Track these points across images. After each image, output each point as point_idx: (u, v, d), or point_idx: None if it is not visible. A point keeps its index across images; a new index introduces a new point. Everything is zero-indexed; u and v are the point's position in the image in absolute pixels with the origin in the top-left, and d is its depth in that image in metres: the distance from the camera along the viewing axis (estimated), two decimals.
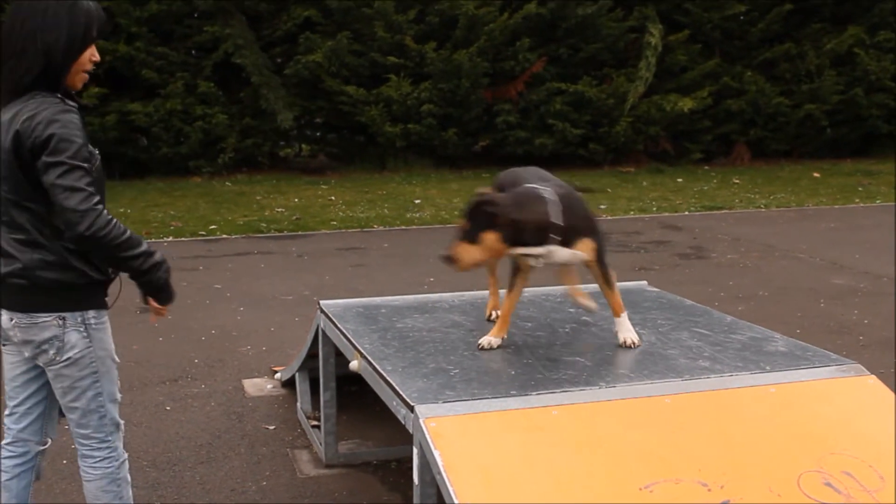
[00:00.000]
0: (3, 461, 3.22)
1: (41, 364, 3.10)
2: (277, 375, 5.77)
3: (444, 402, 3.18)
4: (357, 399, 5.08)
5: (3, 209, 2.97)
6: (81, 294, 3.05)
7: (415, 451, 3.10)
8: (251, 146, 15.81)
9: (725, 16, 17.50)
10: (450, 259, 3.56)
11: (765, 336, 4.08)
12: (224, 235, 11.02)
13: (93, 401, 3.13)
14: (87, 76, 3.06)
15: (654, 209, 13.06)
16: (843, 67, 18.09)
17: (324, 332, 4.54)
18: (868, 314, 7.40)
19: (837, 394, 3.49)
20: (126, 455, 3.28)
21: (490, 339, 3.87)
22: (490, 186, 3.98)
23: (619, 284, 5.21)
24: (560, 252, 3.62)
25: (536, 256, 3.63)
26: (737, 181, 15.79)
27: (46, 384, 3.19)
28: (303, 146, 18.22)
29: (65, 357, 3.05)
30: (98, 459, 3.19)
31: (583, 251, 3.67)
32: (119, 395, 3.23)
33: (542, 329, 4.14)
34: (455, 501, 2.76)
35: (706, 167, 17.44)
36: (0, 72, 2.95)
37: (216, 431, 5.02)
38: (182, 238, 10.77)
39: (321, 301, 4.68)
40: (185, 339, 6.67)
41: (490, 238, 3.51)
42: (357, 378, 3.97)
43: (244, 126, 15.69)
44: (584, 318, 4.36)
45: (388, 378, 3.47)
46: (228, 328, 6.99)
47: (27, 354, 3.10)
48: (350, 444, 4.81)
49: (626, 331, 3.91)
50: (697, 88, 17.26)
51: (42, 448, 3.29)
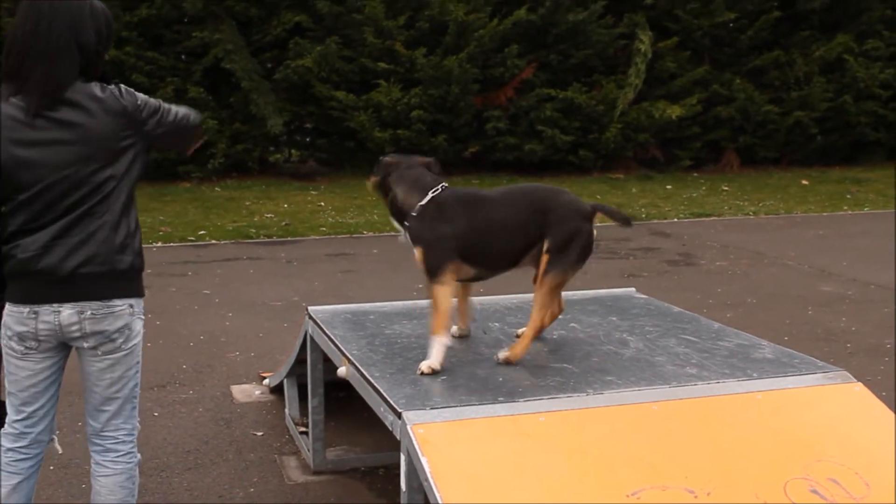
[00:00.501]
0: (19, 464, 3.18)
1: (99, 354, 3.06)
2: (266, 381, 5.76)
3: (432, 409, 3.18)
4: (345, 405, 5.07)
5: (86, 195, 2.96)
6: (141, 280, 3.12)
7: (402, 458, 3.10)
8: (241, 151, 15.78)
9: (715, 23, 17.56)
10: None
11: (752, 343, 4.09)
12: (213, 241, 10.99)
13: (132, 390, 3.18)
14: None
15: (644, 216, 13.09)
16: (832, 75, 18.19)
17: (312, 338, 4.53)
18: (856, 321, 7.43)
19: (824, 401, 3.51)
20: (139, 456, 3.30)
21: (429, 364, 3.63)
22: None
23: (608, 291, 5.24)
24: (410, 243, 3.78)
25: (398, 230, 3.87)
26: (726, 188, 15.84)
27: (60, 383, 3.20)
28: (292, 151, 18.21)
29: (130, 345, 3.09)
30: (122, 454, 3.20)
31: (417, 255, 3.73)
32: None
33: None
34: None
35: (695, 174, 17.48)
36: (27, 73, 2.91)
37: (204, 437, 5.01)
38: (171, 243, 10.74)
39: (309, 307, 4.68)
40: (174, 345, 6.65)
41: (372, 183, 3.92)
42: (345, 384, 3.97)
43: (234, 131, 15.65)
44: (572, 325, 4.37)
45: (376, 384, 3.48)
46: (217, 334, 6.97)
47: (87, 345, 3.05)
48: (338, 451, 4.80)
49: (428, 357, 3.66)
50: (687, 95, 17.31)
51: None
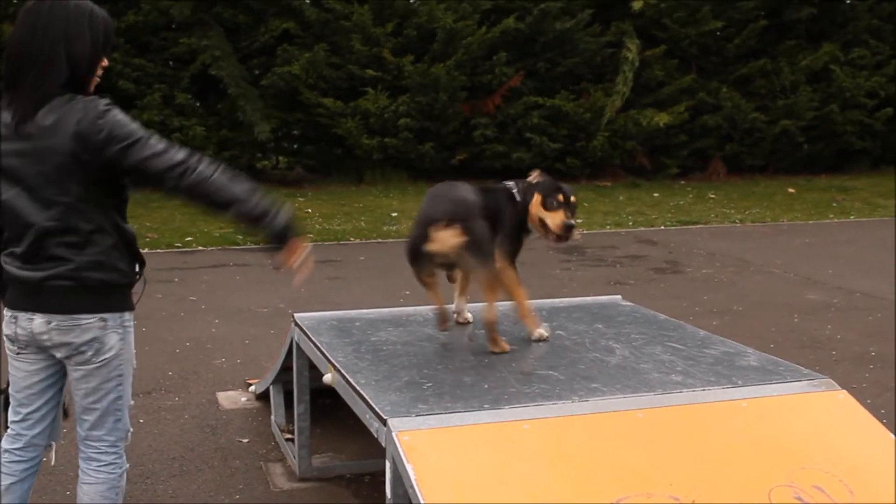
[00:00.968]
0: (12, 465, 3.20)
1: (73, 365, 3.07)
2: (252, 388, 5.74)
3: (417, 416, 3.18)
4: (331, 412, 5.07)
5: (54, 213, 2.94)
6: (122, 295, 3.09)
7: (387, 465, 3.10)
8: (228, 158, 15.64)
9: (702, 31, 17.64)
10: None
11: (737, 351, 4.10)
12: (200, 247, 10.97)
13: (114, 403, 3.15)
14: (98, 80, 3.11)
15: (631, 223, 13.13)
16: (819, 84, 18.29)
17: (298, 345, 4.52)
18: (841, 329, 7.46)
19: (809, 408, 3.52)
20: (127, 465, 3.28)
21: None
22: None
23: (594, 298, 5.25)
24: None
25: None
26: (712, 196, 15.90)
27: (60, 388, 3.20)
28: (280, 158, 18.18)
29: (101, 358, 3.06)
30: (104, 464, 3.18)
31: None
32: (132, 401, 3.27)
33: (516, 342, 4.14)
34: None
35: (682, 182, 17.55)
36: (21, 78, 2.92)
37: (189, 444, 4.99)
38: (158, 250, 10.71)
39: (295, 314, 4.67)
40: (159, 352, 6.62)
41: None
42: (331, 391, 3.96)
43: (221, 138, 15.64)
44: (559, 332, 4.37)
45: (362, 391, 3.47)
46: (203, 340, 6.95)
47: (59, 356, 3.07)
48: (324, 458, 4.79)
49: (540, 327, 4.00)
50: (674, 103, 17.38)
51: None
